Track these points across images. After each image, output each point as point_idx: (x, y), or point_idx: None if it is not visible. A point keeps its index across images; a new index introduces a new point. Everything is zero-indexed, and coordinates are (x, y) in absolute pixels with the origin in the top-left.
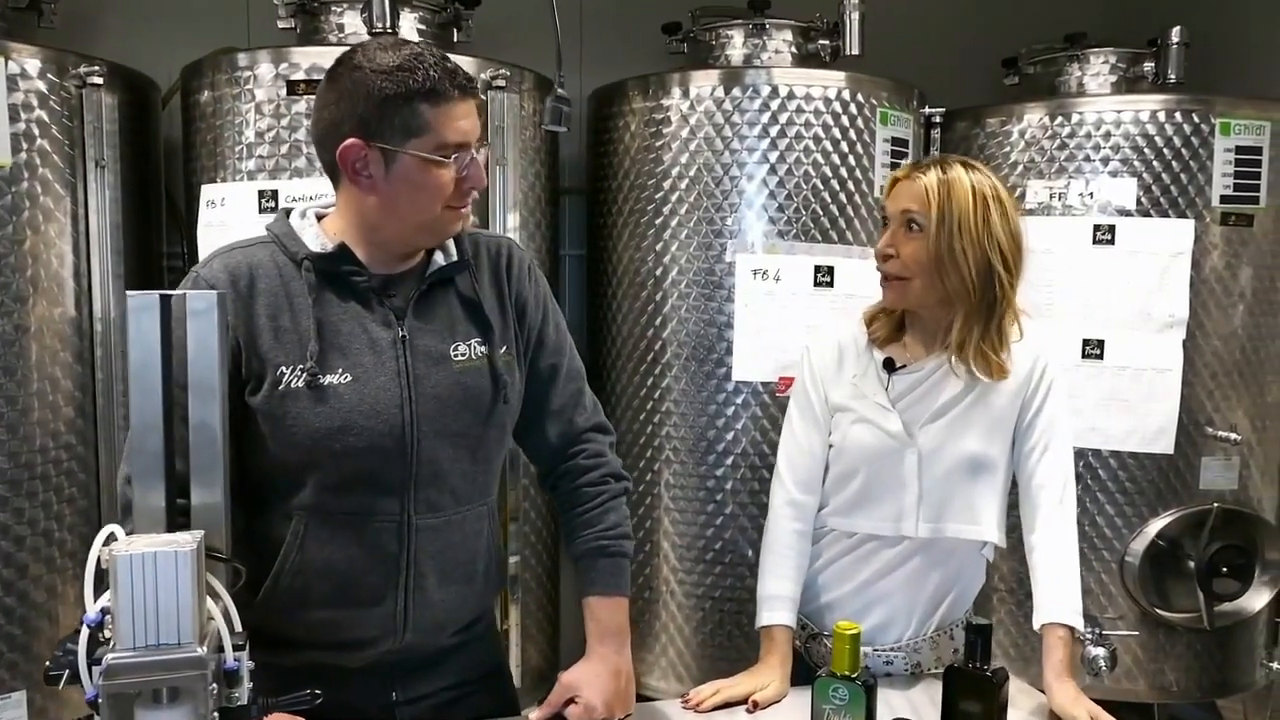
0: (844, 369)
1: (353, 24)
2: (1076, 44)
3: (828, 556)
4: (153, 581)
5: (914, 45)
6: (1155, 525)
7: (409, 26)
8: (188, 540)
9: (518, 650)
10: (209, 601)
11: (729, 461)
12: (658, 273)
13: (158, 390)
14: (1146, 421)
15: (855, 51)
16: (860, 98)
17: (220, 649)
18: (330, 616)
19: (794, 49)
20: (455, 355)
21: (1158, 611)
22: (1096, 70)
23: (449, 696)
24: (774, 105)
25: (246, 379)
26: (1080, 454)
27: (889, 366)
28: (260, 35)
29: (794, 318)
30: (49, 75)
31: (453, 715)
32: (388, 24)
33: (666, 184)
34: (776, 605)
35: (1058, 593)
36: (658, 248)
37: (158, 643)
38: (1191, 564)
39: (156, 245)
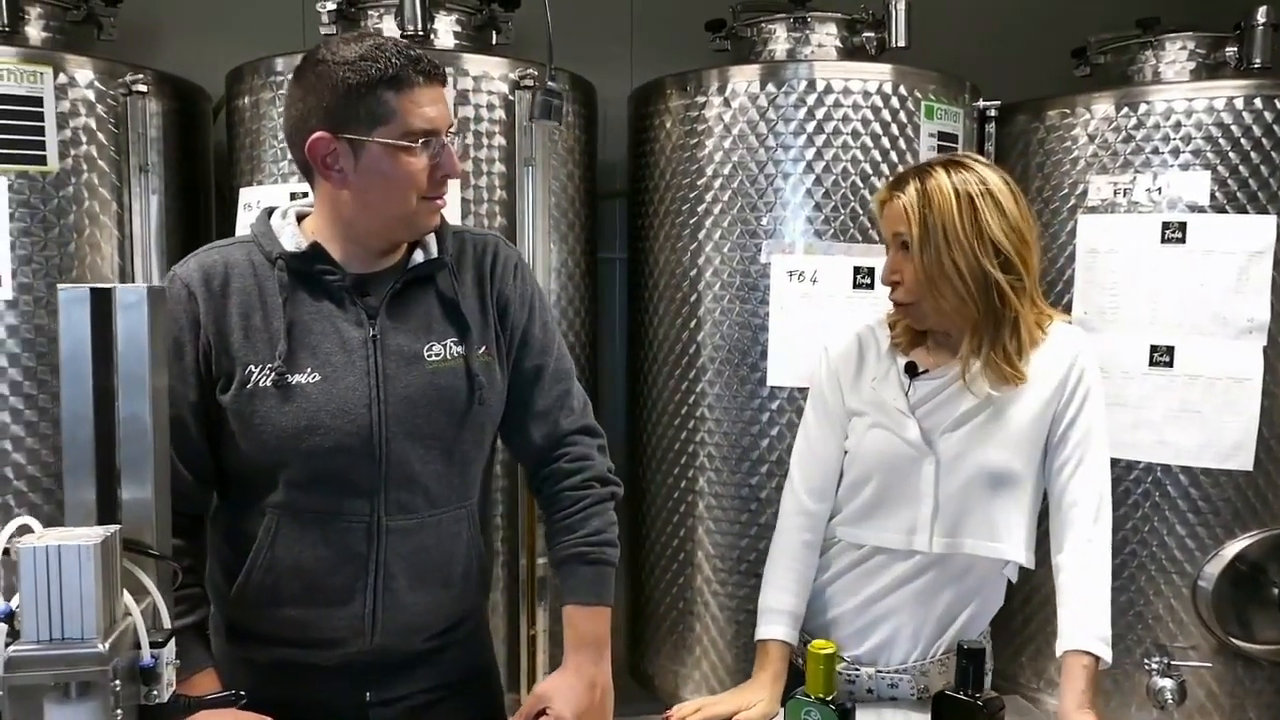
0: (864, 372)
1: (390, 28)
2: (1150, 30)
3: (835, 569)
4: (57, 575)
5: (978, 39)
6: (1233, 547)
7: (445, 29)
8: (96, 535)
9: (545, 656)
10: (127, 597)
11: (764, 469)
12: (692, 274)
13: (88, 382)
14: (1222, 435)
15: (902, 43)
16: (904, 91)
17: (136, 645)
18: (300, 615)
19: (839, 43)
20: (429, 355)
21: (1236, 642)
22: (1173, 58)
23: (425, 700)
24: (811, 100)
25: (216, 377)
26: (1148, 470)
27: (911, 371)
28: (315, 44)
29: (832, 320)
30: (97, 84)
31: (428, 718)
32: (419, 27)
33: (701, 183)
34: (774, 619)
35: (1084, 618)
36: (692, 249)
37: (62, 637)
38: (1277, 591)
39: None
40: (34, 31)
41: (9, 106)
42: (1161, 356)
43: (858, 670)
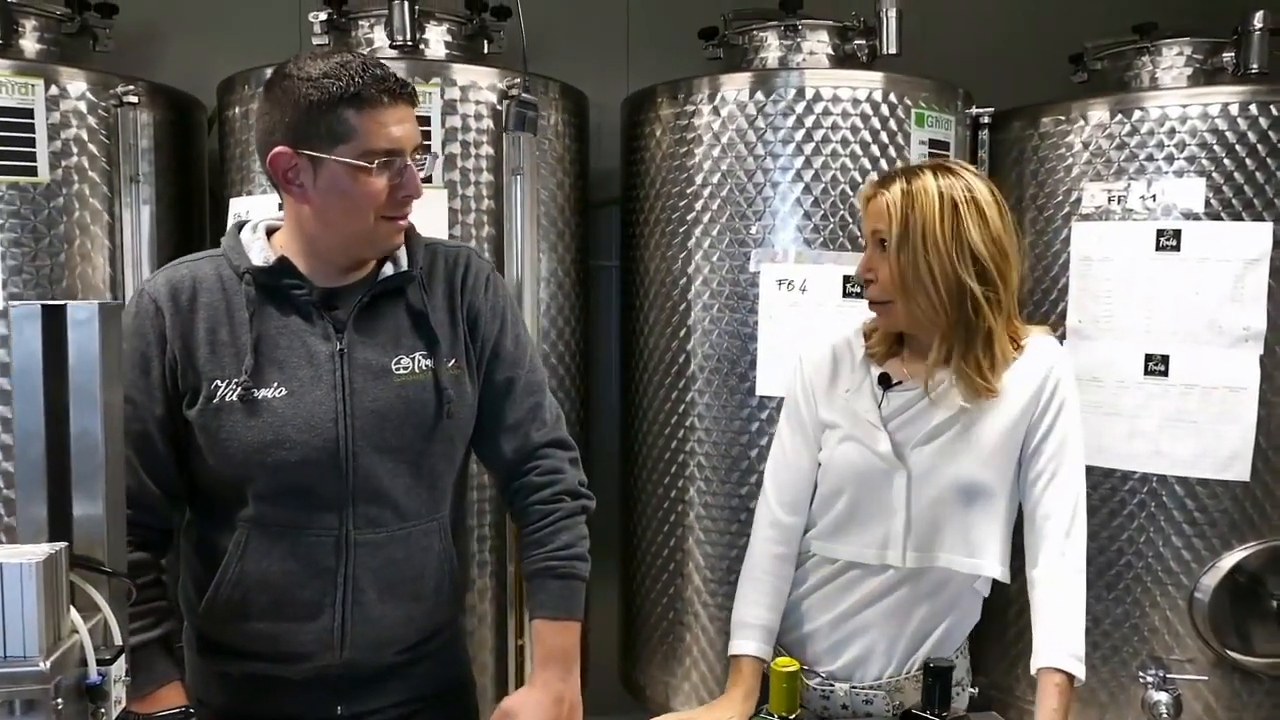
0: (838, 382)
1: (380, 38)
2: (1147, 36)
3: (810, 583)
4: None
5: (977, 48)
6: (1231, 558)
7: (436, 39)
8: (40, 552)
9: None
10: (74, 614)
11: (754, 479)
12: (682, 283)
13: (39, 398)
14: (1219, 445)
15: (893, 51)
16: (894, 98)
17: (84, 663)
18: (269, 629)
19: (830, 50)
20: (397, 369)
21: (1234, 655)
22: (1169, 63)
23: (397, 713)
24: (799, 108)
25: (183, 392)
26: (1144, 480)
27: (884, 382)
28: None
29: (821, 330)
30: (89, 95)
31: None
32: (408, 37)
33: (691, 191)
34: (746, 634)
35: (1056, 635)
36: (682, 257)
37: (4, 655)
38: (1275, 603)
39: None
40: (29, 44)
41: (0, 118)
42: (1156, 365)
43: (832, 686)
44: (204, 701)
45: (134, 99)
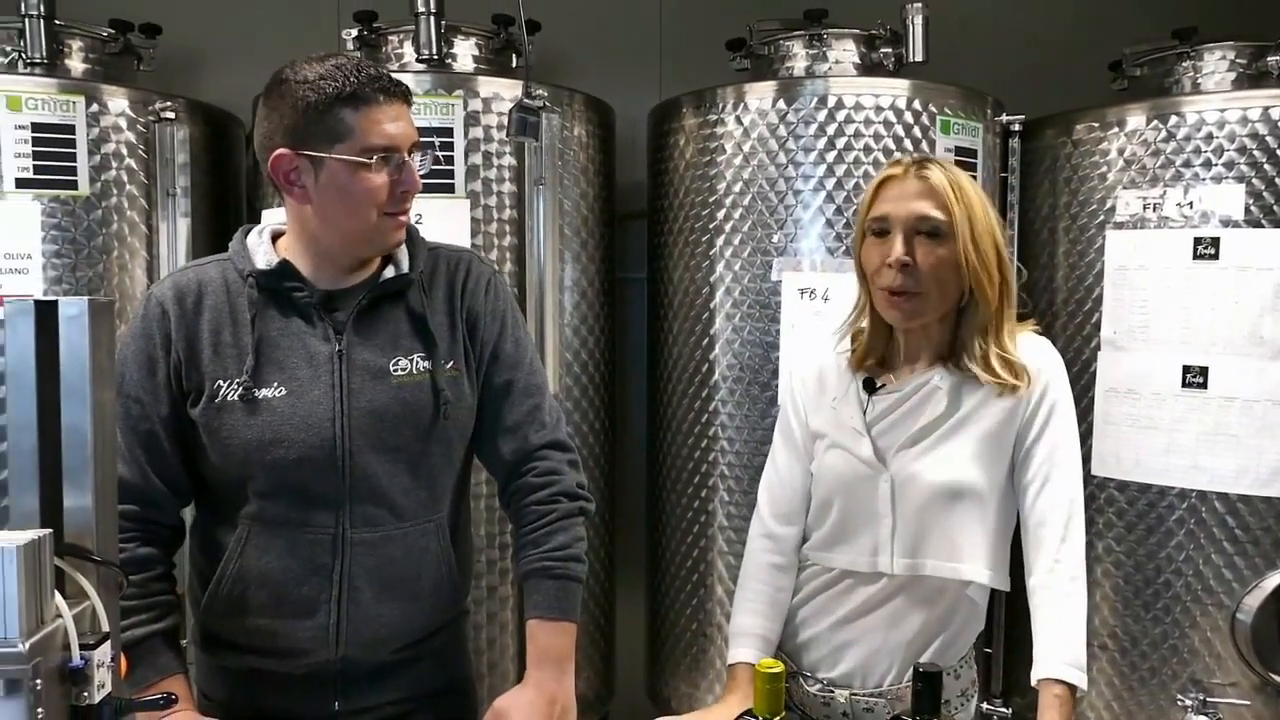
0: (825, 392)
1: (410, 53)
2: (1187, 40)
3: (807, 591)
4: None
5: (1014, 57)
6: (1275, 578)
7: (464, 52)
8: (23, 538)
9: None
10: (59, 600)
11: None
12: (705, 293)
13: (32, 392)
14: (1261, 460)
15: (919, 58)
16: (918, 105)
17: (67, 647)
18: (267, 625)
19: (857, 59)
20: (395, 370)
21: (1278, 679)
22: (1211, 68)
23: (394, 711)
24: (822, 116)
25: (188, 392)
26: (1182, 496)
27: (869, 387)
28: None
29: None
30: (129, 112)
31: None
32: (435, 51)
33: (714, 201)
34: (743, 642)
35: (1054, 644)
36: (705, 267)
37: None
38: None
39: None
40: (75, 64)
41: (43, 134)
42: (1195, 377)
43: (832, 693)
44: (207, 696)
45: (171, 115)
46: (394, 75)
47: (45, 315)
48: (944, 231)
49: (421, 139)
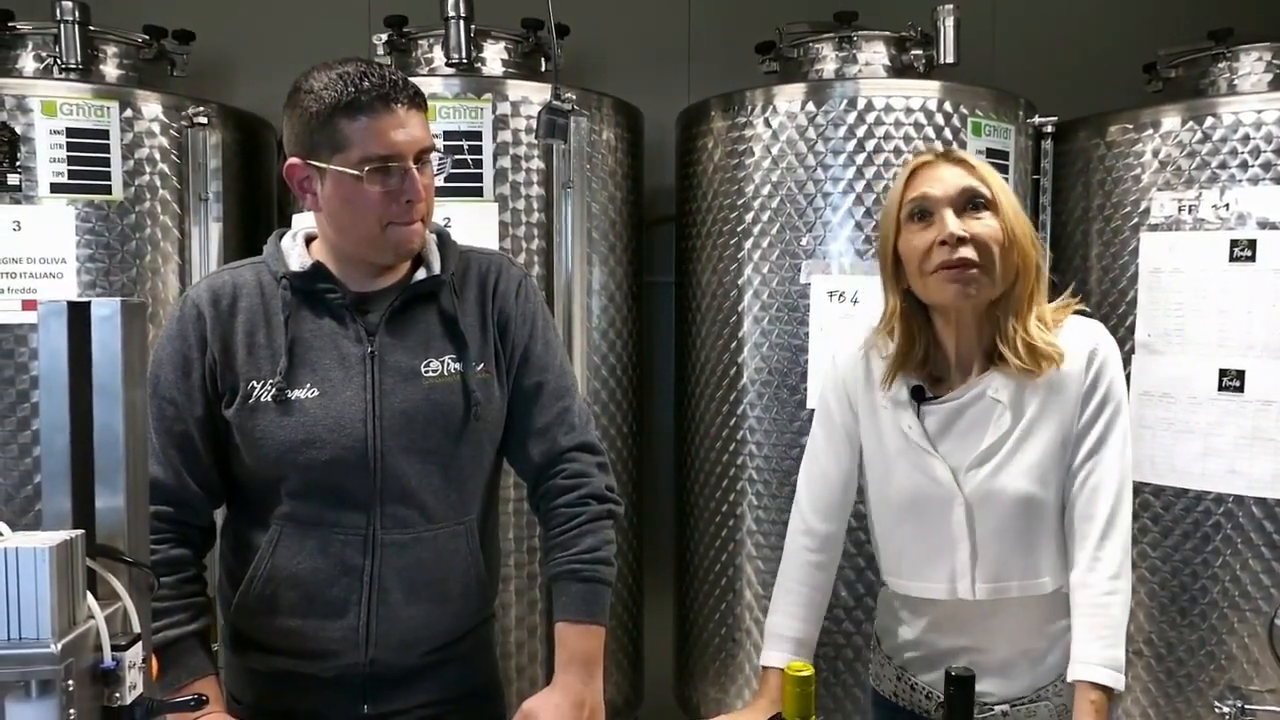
0: (873, 387)
1: (439, 57)
2: (1223, 41)
3: (891, 604)
4: (14, 577)
5: (1049, 60)
6: None
7: (494, 56)
8: (56, 538)
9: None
10: (90, 600)
11: None
12: (733, 295)
13: (64, 393)
14: None
15: (950, 60)
16: (949, 107)
17: (99, 648)
18: (297, 626)
19: (887, 61)
20: (426, 371)
21: None
22: (1248, 69)
23: (422, 714)
24: (851, 118)
25: (222, 393)
26: (1219, 501)
27: (918, 396)
28: None
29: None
30: (161, 118)
31: None
32: (464, 55)
33: (742, 204)
34: (777, 645)
35: (1095, 645)
36: (733, 270)
37: (19, 637)
38: None
39: None
40: (109, 70)
41: (78, 139)
42: (1231, 381)
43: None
44: (236, 699)
45: (204, 120)
46: (415, 79)
47: (78, 316)
48: (989, 202)
49: (444, 142)
